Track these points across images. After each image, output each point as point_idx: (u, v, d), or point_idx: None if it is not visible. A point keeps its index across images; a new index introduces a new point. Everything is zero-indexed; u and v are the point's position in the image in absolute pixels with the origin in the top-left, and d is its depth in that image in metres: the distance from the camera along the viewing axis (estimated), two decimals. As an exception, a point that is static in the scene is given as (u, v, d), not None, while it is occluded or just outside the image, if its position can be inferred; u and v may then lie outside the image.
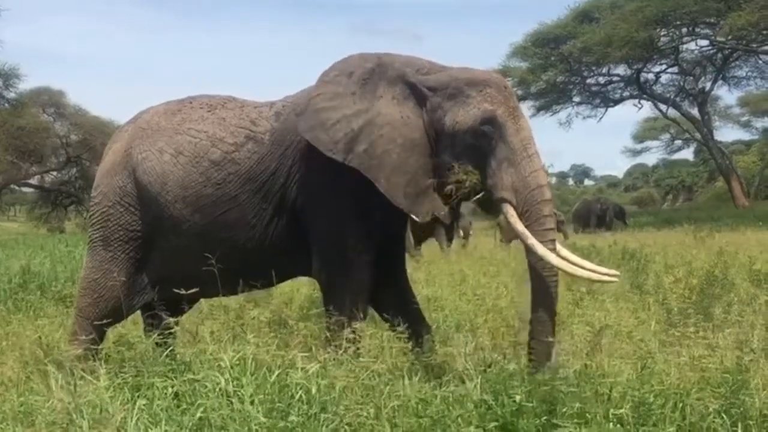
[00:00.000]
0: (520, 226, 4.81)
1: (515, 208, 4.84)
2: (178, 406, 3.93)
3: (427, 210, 5.03)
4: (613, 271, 5.03)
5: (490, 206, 5.08)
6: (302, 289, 8.23)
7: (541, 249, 4.71)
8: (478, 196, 4.96)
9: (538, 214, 4.83)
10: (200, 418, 3.74)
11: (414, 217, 5.06)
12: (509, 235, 14.64)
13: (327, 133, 4.99)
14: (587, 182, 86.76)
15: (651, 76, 42.90)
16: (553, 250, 4.78)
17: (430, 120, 5.04)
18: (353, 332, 4.70)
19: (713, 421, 3.85)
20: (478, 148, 4.92)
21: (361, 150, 4.96)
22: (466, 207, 5.92)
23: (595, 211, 30.18)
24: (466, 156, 4.94)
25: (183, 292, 4.95)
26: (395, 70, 5.15)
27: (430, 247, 16.16)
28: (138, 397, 4.02)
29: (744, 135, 55.67)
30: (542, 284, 4.79)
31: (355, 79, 5.13)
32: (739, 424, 3.80)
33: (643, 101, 43.71)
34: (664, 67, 42.43)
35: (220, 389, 3.90)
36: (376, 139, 4.98)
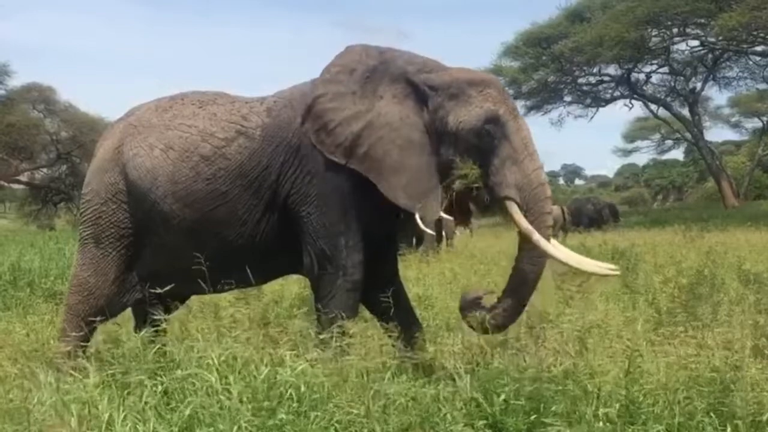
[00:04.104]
0: (525, 222, 4.90)
1: (519, 206, 4.92)
2: (168, 404, 3.92)
3: (432, 209, 5.06)
4: (612, 266, 5.18)
5: (486, 203, 5.13)
6: (292, 287, 8.22)
7: (545, 244, 4.86)
8: (475, 192, 5.02)
9: (540, 211, 4.97)
10: (189, 416, 3.73)
11: (419, 217, 5.06)
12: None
13: (329, 136, 5.03)
14: (578, 182, 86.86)
15: (642, 76, 42.96)
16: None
17: (431, 119, 5.08)
18: (343, 330, 4.71)
19: (701, 420, 3.87)
20: (480, 147, 4.98)
21: (361, 153, 5.00)
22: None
23: (586, 211, 30.15)
24: (468, 154, 4.99)
25: (172, 289, 4.95)
26: (398, 67, 5.18)
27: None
28: (127, 394, 4.02)
29: (734, 135, 55.98)
30: (522, 277, 4.97)
31: (357, 77, 5.15)
32: (728, 424, 3.82)
33: (633, 101, 43.78)
34: (654, 67, 42.47)
35: (208, 387, 3.89)
36: (375, 142, 5.01)
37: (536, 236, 4.85)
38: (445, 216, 5.17)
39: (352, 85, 5.13)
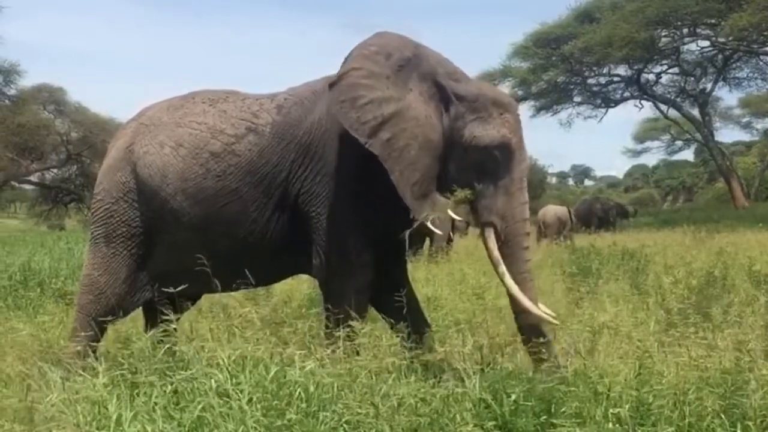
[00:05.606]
0: (496, 252, 5.01)
1: (497, 234, 5.01)
2: (177, 404, 3.92)
3: (426, 212, 5.08)
4: (552, 314, 5.10)
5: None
6: (302, 287, 8.22)
7: (508, 280, 4.95)
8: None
9: (519, 245, 5.06)
10: (199, 416, 3.73)
11: (414, 215, 5.08)
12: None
13: (356, 111, 4.99)
14: (587, 182, 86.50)
15: (652, 76, 42.79)
16: (531, 279, 5.07)
17: (450, 126, 5.09)
18: (352, 330, 4.70)
19: (712, 422, 3.85)
20: (483, 168, 5.03)
21: (384, 138, 4.98)
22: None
23: (596, 211, 30.08)
24: (469, 170, 5.05)
25: (182, 288, 4.95)
26: (429, 65, 5.18)
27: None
28: (136, 394, 4.02)
29: (744, 136, 55.62)
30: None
31: (392, 63, 5.13)
32: (738, 425, 3.80)
33: (643, 102, 43.57)
34: (664, 67, 42.30)
35: (217, 387, 3.89)
36: (399, 132, 5.00)
37: (501, 269, 4.97)
38: (456, 217, 5.20)
39: (387, 69, 5.10)
